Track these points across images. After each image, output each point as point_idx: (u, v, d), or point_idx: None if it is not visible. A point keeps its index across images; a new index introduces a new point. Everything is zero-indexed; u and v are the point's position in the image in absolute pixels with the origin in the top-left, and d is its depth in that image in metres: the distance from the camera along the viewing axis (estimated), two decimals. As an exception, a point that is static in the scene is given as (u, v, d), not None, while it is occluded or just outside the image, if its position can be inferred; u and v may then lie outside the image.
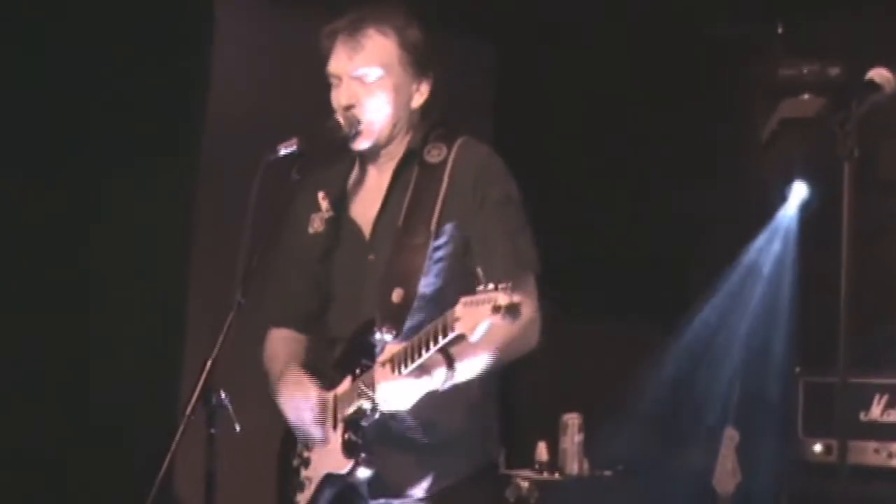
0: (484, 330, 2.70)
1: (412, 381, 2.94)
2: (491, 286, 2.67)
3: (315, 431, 3.20)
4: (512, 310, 2.63)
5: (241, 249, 2.99)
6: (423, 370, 2.91)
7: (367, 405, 3.05)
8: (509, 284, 2.64)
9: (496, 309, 2.64)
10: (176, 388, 4.48)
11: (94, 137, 4.52)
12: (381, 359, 2.97)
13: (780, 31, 4.43)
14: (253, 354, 3.34)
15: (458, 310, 2.71)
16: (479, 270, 2.95)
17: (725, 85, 5.57)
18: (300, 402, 3.22)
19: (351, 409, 3.11)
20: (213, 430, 2.76)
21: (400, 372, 2.93)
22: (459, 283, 2.95)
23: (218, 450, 2.82)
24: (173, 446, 2.72)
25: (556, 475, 5.12)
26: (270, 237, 3.08)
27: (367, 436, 3.12)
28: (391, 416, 3.11)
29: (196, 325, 4.70)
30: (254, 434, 3.02)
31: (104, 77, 4.50)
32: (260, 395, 3.25)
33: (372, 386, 3.01)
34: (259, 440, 3.32)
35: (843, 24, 5.26)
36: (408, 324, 3.05)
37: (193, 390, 2.76)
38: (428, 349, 2.83)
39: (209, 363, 2.76)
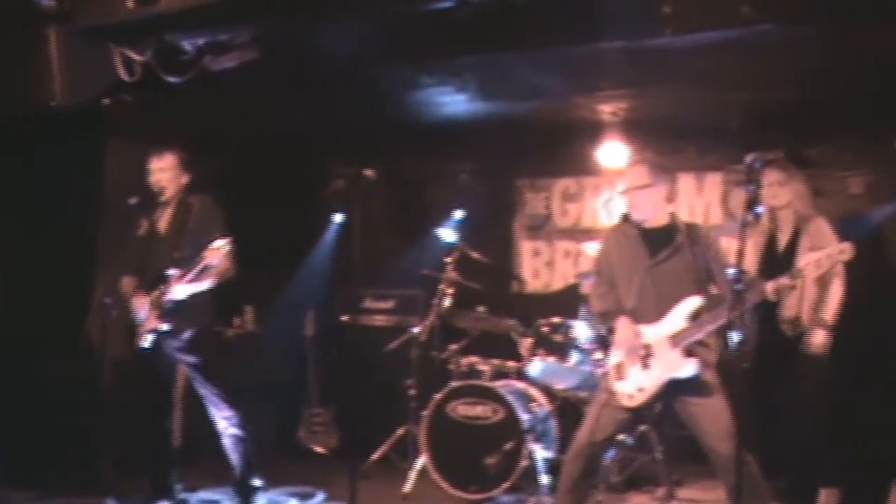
0: (218, 260, 5.58)
1: (188, 286, 5.73)
2: (221, 242, 5.56)
3: (144, 314, 5.94)
4: (230, 250, 5.54)
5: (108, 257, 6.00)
6: (190, 281, 5.70)
7: (166, 297, 5.81)
8: (227, 241, 5.55)
9: (221, 251, 5.55)
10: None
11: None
12: (173, 278, 5.75)
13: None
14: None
15: (207, 253, 5.55)
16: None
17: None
18: (140, 302, 5.98)
19: (159, 300, 5.86)
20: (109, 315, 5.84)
21: (180, 282, 5.75)
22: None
23: (109, 324, 5.86)
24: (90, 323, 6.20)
25: (242, 329, 8.30)
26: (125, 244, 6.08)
27: (165, 312, 5.89)
28: (176, 302, 5.83)
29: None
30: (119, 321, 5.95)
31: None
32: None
33: (169, 289, 5.80)
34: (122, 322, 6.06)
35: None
36: (182, 269, 5.75)
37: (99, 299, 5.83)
38: (193, 270, 5.62)
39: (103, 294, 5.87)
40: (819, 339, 6.07)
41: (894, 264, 7.20)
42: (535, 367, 7.14)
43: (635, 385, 5.26)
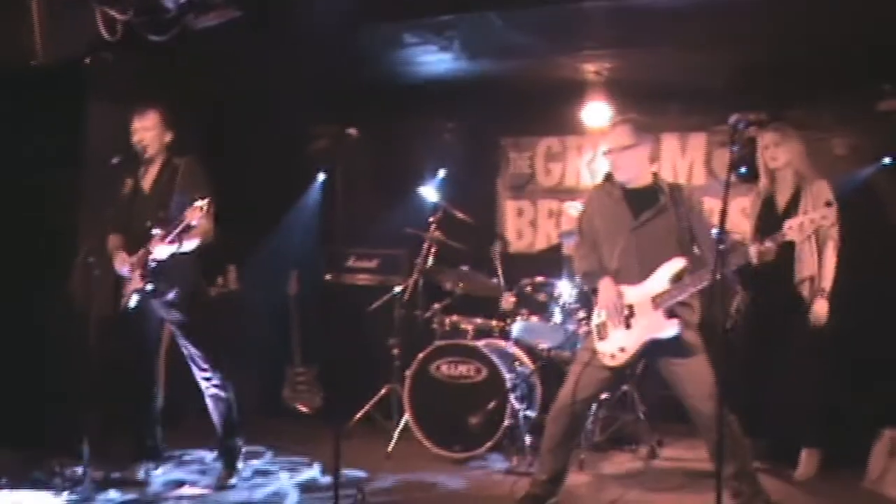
0: (198, 220, 5.46)
1: (168, 246, 5.67)
2: (200, 202, 5.44)
3: (129, 274, 5.90)
4: (208, 210, 5.46)
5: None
6: (171, 242, 5.60)
7: (150, 257, 5.75)
8: (206, 201, 5.42)
9: (202, 210, 5.45)
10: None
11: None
12: (156, 238, 5.67)
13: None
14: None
15: (187, 213, 5.44)
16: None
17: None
18: (124, 263, 5.95)
19: (144, 259, 5.81)
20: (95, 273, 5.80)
21: (163, 241, 5.64)
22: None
23: (94, 283, 5.81)
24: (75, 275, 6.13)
25: (225, 289, 8.39)
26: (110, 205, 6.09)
27: (149, 271, 5.87)
28: (160, 262, 5.81)
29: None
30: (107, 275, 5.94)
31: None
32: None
33: (153, 249, 5.71)
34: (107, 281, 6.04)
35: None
36: (165, 228, 5.64)
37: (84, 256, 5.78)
38: (175, 229, 5.52)
39: (86, 253, 5.73)
40: (821, 309, 6.09)
41: (885, 226, 7.27)
42: (519, 326, 7.19)
43: (617, 345, 5.30)
